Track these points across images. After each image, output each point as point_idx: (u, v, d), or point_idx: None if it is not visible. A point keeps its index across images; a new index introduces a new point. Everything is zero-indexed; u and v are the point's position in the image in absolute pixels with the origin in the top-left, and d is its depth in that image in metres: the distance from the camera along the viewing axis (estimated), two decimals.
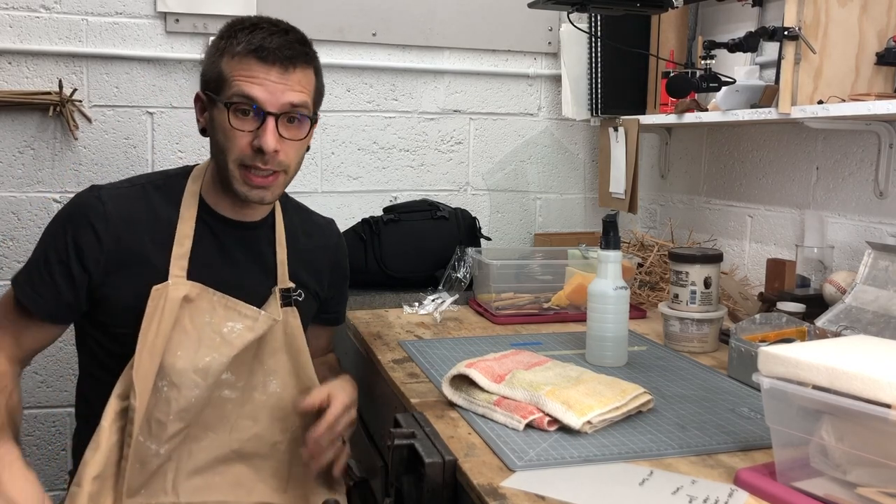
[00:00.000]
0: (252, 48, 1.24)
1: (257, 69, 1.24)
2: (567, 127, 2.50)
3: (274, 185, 1.30)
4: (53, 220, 1.33)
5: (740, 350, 1.37)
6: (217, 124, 1.27)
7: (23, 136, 2.04)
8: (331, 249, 1.51)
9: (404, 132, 2.36)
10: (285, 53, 1.25)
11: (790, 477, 0.93)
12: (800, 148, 1.86)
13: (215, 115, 1.28)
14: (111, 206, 1.29)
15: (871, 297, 1.36)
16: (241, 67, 1.24)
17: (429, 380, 1.36)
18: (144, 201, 1.33)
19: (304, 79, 1.29)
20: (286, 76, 1.25)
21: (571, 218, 2.55)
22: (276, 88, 1.24)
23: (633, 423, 1.16)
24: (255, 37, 1.25)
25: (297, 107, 1.26)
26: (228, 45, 1.26)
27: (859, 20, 1.51)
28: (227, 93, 1.25)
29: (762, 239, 1.99)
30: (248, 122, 1.25)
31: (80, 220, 1.28)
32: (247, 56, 1.24)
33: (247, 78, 1.24)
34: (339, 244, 1.55)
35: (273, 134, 1.24)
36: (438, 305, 1.91)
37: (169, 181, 1.37)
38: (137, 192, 1.34)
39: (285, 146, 1.27)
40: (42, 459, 2.12)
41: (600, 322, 1.44)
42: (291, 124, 1.28)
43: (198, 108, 1.33)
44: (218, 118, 1.27)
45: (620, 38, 2.12)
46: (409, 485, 1.08)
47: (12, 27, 2.01)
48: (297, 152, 1.31)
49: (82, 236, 1.27)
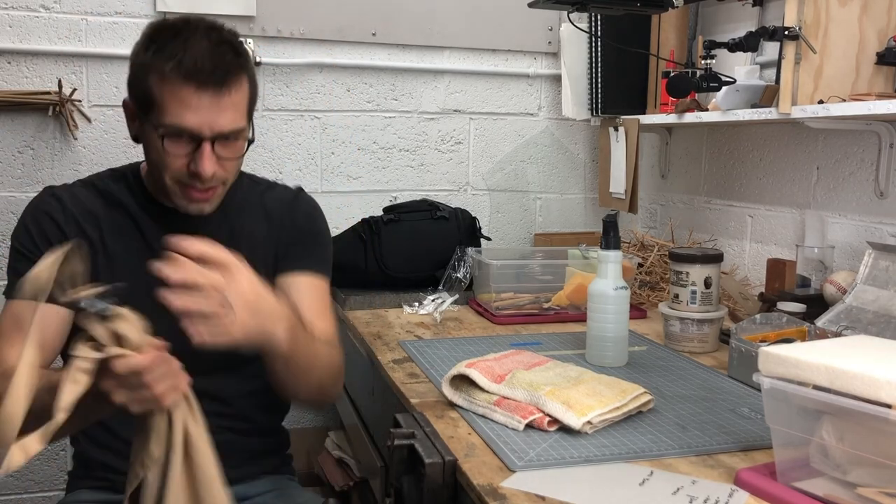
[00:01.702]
0: (183, 73, 1.16)
1: (188, 95, 1.17)
2: (567, 127, 2.50)
3: (213, 198, 1.27)
4: (17, 223, 1.33)
5: (740, 350, 1.37)
6: (149, 143, 1.23)
7: (22, 136, 2.04)
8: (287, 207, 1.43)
9: (404, 132, 2.36)
10: (218, 75, 1.18)
11: (790, 477, 0.93)
12: (800, 148, 1.86)
13: (146, 132, 1.23)
14: (67, 200, 1.30)
15: (872, 297, 1.36)
16: (171, 92, 1.17)
17: (429, 380, 1.36)
18: (98, 197, 1.33)
19: (238, 95, 1.22)
20: (220, 99, 1.19)
21: (571, 218, 2.55)
22: (209, 115, 1.18)
23: (633, 423, 1.16)
24: (187, 56, 1.16)
25: (232, 132, 1.22)
26: (156, 62, 1.18)
27: (859, 20, 1.51)
28: (158, 118, 1.19)
29: (762, 239, 1.99)
30: (182, 145, 1.20)
31: (41, 217, 1.29)
32: (176, 80, 1.17)
33: (178, 106, 1.17)
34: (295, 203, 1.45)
35: (209, 159, 1.20)
36: (438, 305, 1.91)
37: (118, 179, 1.36)
38: (90, 190, 1.34)
39: (223, 163, 1.23)
40: (42, 459, 2.12)
41: (600, 322, 1.44)
42: (228, 142, 1.23)
43: (127, 115, 1.28)
44: (150, 137, 1.22)
45: (620, 38, 2.12)
46: (409, 485, 1.08)
47: (12, 27, 2.01)
48: (236, 164, 1.28)
49: (46, 229, 1.28)
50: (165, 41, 1.19)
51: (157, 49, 1.19)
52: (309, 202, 1.47)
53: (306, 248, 1.43)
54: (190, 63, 1.16)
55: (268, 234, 1.40)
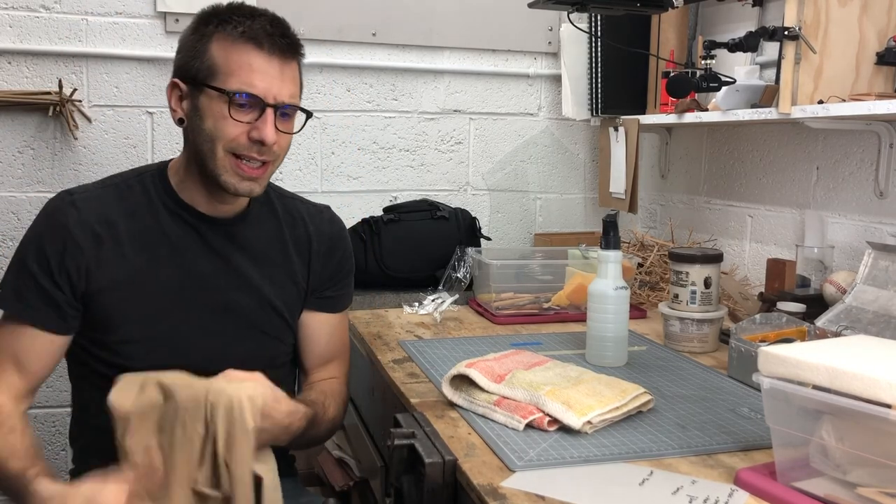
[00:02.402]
0: (252, 36, 1.19)
1: (257, 59, 1.20)
2: (567, 127, 2.50)
3: (263, 177, 1.27)
4: (29, 230, 1.27)
5: (740, 350, 1.37)
6: (207, 112, 1.21)
7: (23, 136, 2.04)
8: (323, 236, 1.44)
9: (404, 132, 2.36)
10: (284, 43, 1.22)
11: (790, 477, 0.93)
12: (800, 148, 1.86)
13: (204, 104, 1.21)
14: (85, 209, 1.25)
15: (872, 297, 1.36)
16: (238, 55, 1.19)
17: (429, 380, 1.36)
18: (119, 202, 1.28)
19: (297, 71, 1.27)
20: (284, 69, 1.22)
21: (571, 218, 2.55)
22: (275, 83, 1.21)
23: (633, 423, 1.16)
24: (254, 23, 1.21)
25: (293, 103, 1.25)
26: (220, 30, 1.21)
27: (859, 20, 1.51)
28: (226, 81, 1.19)
29: (762, 239, 1.99)
30: (247, 113, 1.21)
31: (57, 229, 1.23)
32: (246, 44, 1.20)
33: (247, 70, 1.19)
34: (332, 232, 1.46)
35: (272, 126, 1.21)
36: (438, 305, 1.91)
37: (143, 179, 1.32)
38: (111, 194, 1.29)
39: (280, 138, 1.24)
40: None
41: (600, 322, 1.44)
42: (285, 118, 1.25)
43: (174, 97, 1.26)
44: (209, 106, 1.21)
45: (620, 38, 2.12)
46: (409, 485, 1.08)
47: (12, 27, 2.01)
48: (288, 144, 1.30)
49: (60, 245, 1.22)
50: (227, 16, 1.22)
51: (221, 21, 1.22)
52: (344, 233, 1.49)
53: (340, 287, 1.46)
54: (260, 28, 1.20)
55: (300, 253, 1.40)
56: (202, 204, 1.31)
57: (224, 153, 1.22)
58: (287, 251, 1.39)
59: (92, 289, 1.24)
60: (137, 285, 1.26)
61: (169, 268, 1.29)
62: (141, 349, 1.26)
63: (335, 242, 1.45)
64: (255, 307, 1.34)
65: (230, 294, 1.32)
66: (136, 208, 1.29)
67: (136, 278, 1.26)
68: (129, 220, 1.28)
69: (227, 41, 1.20)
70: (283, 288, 1.37)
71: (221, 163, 1.23)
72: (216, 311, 1.32)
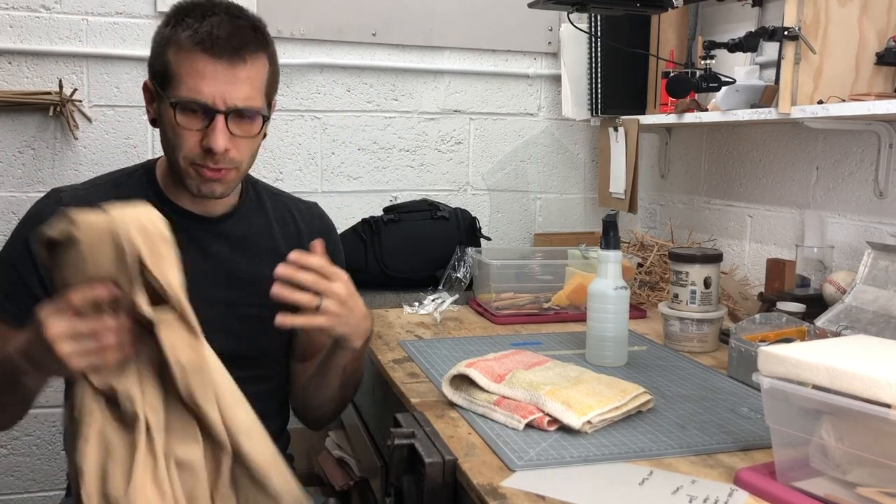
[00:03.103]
0: (198, 40, 1.16)
1: (203, 64, 1.16)
2: (567, 127, 2.50)
3: (226, 179, 1.25)
4: (15, 229, 1.28)
5: (740, 350, 1.37)
6: (165, 120, 1.22)
7: (23, 136, 2.04)
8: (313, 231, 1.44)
9: (404, 132, 2.36)
10: (233, 44, 1.17)
11: (790, 477, 0.93)
12: (800, 148, 1.86)
13: (162, 111, 1.22)
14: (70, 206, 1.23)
15: (871, 297, 1.36)
16: (187, 62, 1.17)
17: (429, 380, 1.36)
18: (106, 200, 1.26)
19: (255, 71, 1.22)
20: (235, 71, 1.18)
21: (571, 218, 2.55)
22: (223, 88, 1.17)
23: (633, 422, 1.16)
24: (203, 26, 1.17)
25: (247, 108, 1.21)
26: (174, 35, 1.19)
27: (859, 20, 1.51)
28: (173, 90, 1.18)
29: (762, 239, 1.99)
30: (196, 120, 1.19)
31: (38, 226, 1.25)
32: (192, 49, 1.16)
33: (193, 75, 1.17)
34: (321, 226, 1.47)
35: (223, 133, 1.18)
36: (438, 305, 1.91)
37: (130, 178, 1.33)
38: (99, 192, 1.29)
39: (237, 143, 1.22)
40: (42, 459, 2.12)
41: (600, 322, 1.44)
42: (242, 120, 1.22)
43: (146, 97, 1.27)
44: (165, 114, 1.21)
45: (620, 38, 2.12)
46: (409, 485, 1.08)
47: (12, 27, 2.01)
48: (250, 147, 1.27)
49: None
50: (184, 16, 1.20)
51: (176, 23, 1.20)
52: (333, 229, 1.49)
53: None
54: (205, 32, 1.16)
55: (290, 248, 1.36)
56: (188, 202, 1.32)
57: (184, 163, 1.22)
58: (276, 246, 1.39)
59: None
60: None
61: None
62: None
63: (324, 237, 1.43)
64: (244, 302, 1.34)
65: (217, 288, 1.33)
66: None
67: None
68: None
69: (178, 46, 1.18)
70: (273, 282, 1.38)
71: (184, 170, 1.23)
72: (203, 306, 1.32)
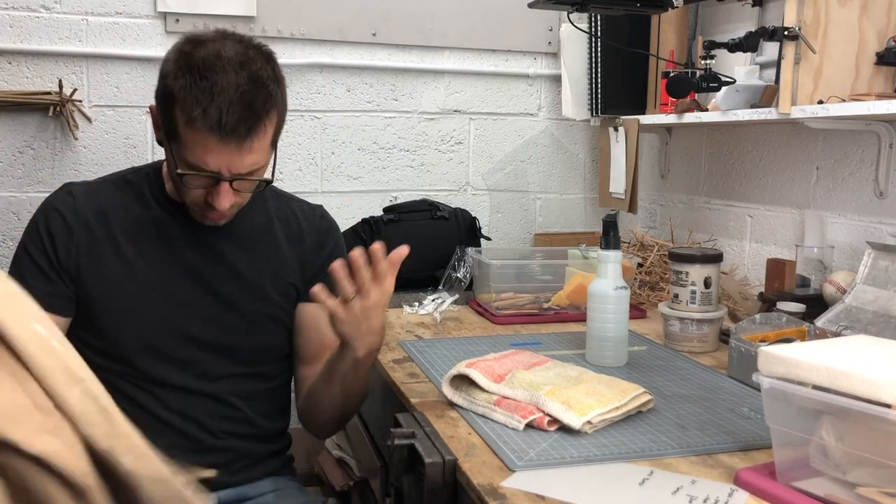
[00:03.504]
0: (208, 124, 1.15)
1: (212, 144, 1.17)
2: (567, 127, 2.50)
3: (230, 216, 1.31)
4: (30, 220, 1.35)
5: (740, 350, 1.37)
6: (169, 166, 1.27)
7: (23, 136, 2.04)
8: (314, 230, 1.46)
9: (404, 132, 2.36)
10: (243, 128, 1.17)
11: (790, 477, 0.93)
12: (800, 148, 1.86)
13: (167, 151, 1.26)
14: (81, 199, 1.32)
15: (871, 297, 1.36)
16: (195, 137, 1.17)
17: (429, 380, 1.36)
18: (116, 196, 1.35)
19: (264, 138, 1.22)
20: (242, 147, 1.19)
21: (571, 218, 2.55)
22: (230, 160, 1.19)
23: (633, 423, 1.16)
24: (213, 107, 1.15)
25: (252, 170, 1.23)
26: (183, 103, 1.17)
27: (859, 20, 1.51)
28: (180, 152, 1.20)
29: (762, 239, 1.99)
30: (202, 180, 1.22)
31: (52, 214, 1.31)
32: (202, 129, 1.16)
33: (201, 150, 1.18)
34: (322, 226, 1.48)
35: (227, 195, 1.22)
36: (438, 305, 1.91)
37: (138, 174, 1.38)
38: (109, 187, 1.36)
39: (240, 195, 1.26)
40: None
41: (600, 322, 1.44)
42: (246, 180, 1.24)
43: (153, 120, 1.28)
44: (170, 161, 1.26)
45: (620, 38, 2.12)
46: (409, 485, 1.08)
47: (12, 27, 2.01)
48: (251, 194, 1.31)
49: (54, 228, 1.30)
50: (195, 79, 1.16)
51: (185, 86, 1.17)
52: (335, 228, 1.50)
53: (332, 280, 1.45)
54: (215, 115, 1.15)
55: (292, 247, 1.42)
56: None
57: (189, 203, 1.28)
58: (277, 244, 1.40)
59: (82, 274, 1.29)
60: (127, 274, 1.30)
61: (157, 258, 1.32)
62: (129, 337, 1.29)
63: (325, 236, 1.47)
64: (245, 296, 1.36)
65: (218, 284, 1.34)
66: (129, 201, 1.34)
67: (126, 267, 1.30)
68: (122, 212, 1.33)
69: (186, 119, 1.17)
70: (274, 278, 1.39)
71: (190, 207, 1.29)
72: (204, 300, 1.33)
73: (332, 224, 1.50)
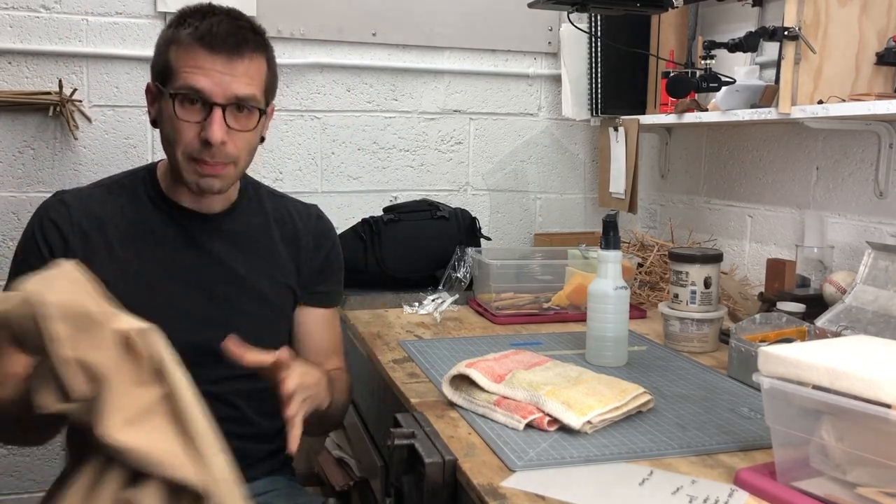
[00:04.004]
0: (198, 36, 1.21)
1: (202, 58, 1.21)
2: (567, 127, 2.50)
3: (224, 174, 1.28)
4: (24, 230, 1.32)
5: (740, 350, 1.37)
6: (164, 116, 1.26)
7: (23, 136, 2.04)
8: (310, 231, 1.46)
9: (404, 132, 2.36)
10: (231, 41, 1.22)
11: (790, 477, 0.93)
12: (800, 148, 1.86)
13: (163, 107, 1.26)
14: (75, 207, 1.30)
15: (871, 297, 1.36)
16: (187, 56, 1.22)
17: (429, 380, 1.36)
18: (111, 201, 1.33)
19: (253, 68, 1.25)
20: (233, 65, 1.22)
21: (571, 218, 2.55)
22: (221, 79, 1.21)
23: (633, 423, 1.16)
24: (203, 24, 1.22)
25: (244, 98, 1.24)
26: (176, 34, 1.24)
27: (859, 20, 1.51)
28: (173, 83, 1.23)
29: (762, 239, 1.99)
30: (195, 112, 1.22)
31: (47, 224, 1.28)
32: (192, 44, 1.21)
33: (192, 68, 1.21)
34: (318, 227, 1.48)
35: (220, 125, 1.21)
36: (438, 305, 1.91)
37: (134, 177, 1.37)
38: (103, 193, 1.34)
39: (234, 137, 1.24)
40: (42, 459, 2.12)
41: (600, 322, 1.44)
42: (240, 114, 1.25)
43: (148, 99, 1.32)
44: (165, 109, 1.25)
45: (620, 38, 2.12)
46: (409, 485, 1.08)
47: (12, 27, 2.01)
48: (247, 143, 1.29)
49: (50, 238, 1.28)
50: (186, 17, 1.25)
51: (178, 24, 1.25)
52: (331, 229, 1.50)
53: (329, 282, 1.47)
54: (205, 28, 1.22)
55: (288, 248, 1.42)
56: (187, 200, 1.34)
57: (182, 157, 1.25)
58: (274, 245, 1.40)
59: None
60: (124, 279, 1.28)
61: (154, 261, 1.31)
62: None
63: (322, 237, 1.47)
64: (242, 298, 1.35)
65: (216, 286, 1.34)
66: (124, 205, 1.33)
67: (122, 272, 1.28)
68: (117, 217, 1.31)
69: (179, 44, 1.23)
70: (271, 279, 1.39)
71: (182, 165, 1.26)
72: (201, 302, 1.33)
73: (328, 224, 1.50)
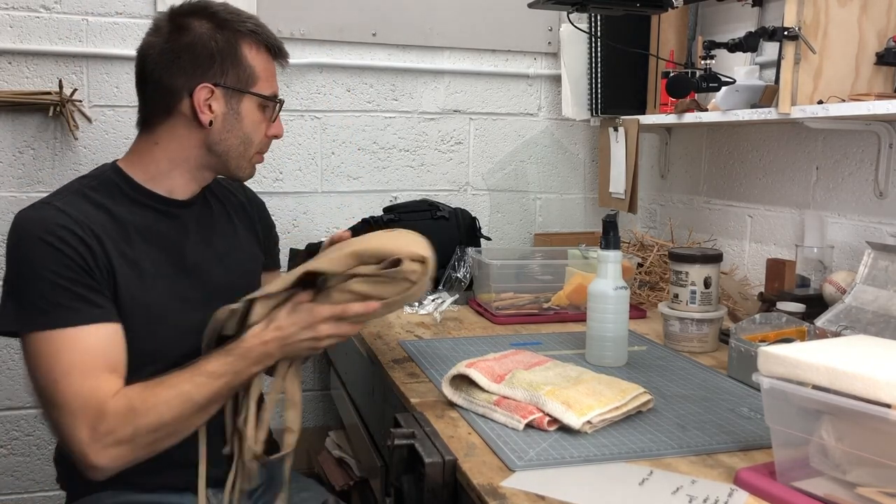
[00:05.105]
0: (268, 43, 1.32)
1: (272, 64, 1.34)
2: (567, 127, 2.50)
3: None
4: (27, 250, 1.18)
5: (740, 350, 1.37)
6: (248, 117, 1.31)
7: (23, 136, 2.05)
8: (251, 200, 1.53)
9: (404, 132, 2.37)
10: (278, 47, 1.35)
11: (790, 477, 0.93)
12: (800, 148, 1.86)
13: (246, 109, 1.30)
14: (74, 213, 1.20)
15: (871, 297, 1.36)
16: (267, 62, 1.32)
17: (429, 380, 1.36)
18: (91, 203, 1.24)
19: None
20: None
21: (571, 218, 2.55)
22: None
23: (633, 423, 1.16)
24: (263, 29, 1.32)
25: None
26: (243, 37, 1.29)
27: (859, 20, 1.51)
28: (257, 86, 1.30)
29: (762, 239, 1.99)
30: (269, 112, 1.35)
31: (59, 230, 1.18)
32: (262, 50, 1.31)
33: (271, 74, 1.33)
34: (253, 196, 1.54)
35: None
36: (438, 305, 1.91)
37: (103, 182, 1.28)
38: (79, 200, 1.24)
39: None
40: (42, 459, 2.12)
41: (600, 322, 1.44)
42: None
43: (202, 99, 1.25)
44: (251, 111, 1.31)
45: (620, 38, 2.12)
46: (409, 485, 1.08)
47: (12, 27, 2.01)
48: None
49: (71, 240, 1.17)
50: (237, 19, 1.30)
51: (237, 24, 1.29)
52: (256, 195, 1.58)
53: (276, 244, 1.58)
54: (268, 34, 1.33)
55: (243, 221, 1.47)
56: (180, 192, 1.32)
57: (254, 153, 1.35)
58: (236, 221, 1.45)
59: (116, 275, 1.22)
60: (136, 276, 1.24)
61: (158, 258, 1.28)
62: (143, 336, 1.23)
63: (258, 205, 1.54)
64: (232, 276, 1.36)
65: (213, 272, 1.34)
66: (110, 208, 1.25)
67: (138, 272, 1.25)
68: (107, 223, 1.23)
69: (254, 47, 1.30)
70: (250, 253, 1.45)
71: (250, 160, 1.35)
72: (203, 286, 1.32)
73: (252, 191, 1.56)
